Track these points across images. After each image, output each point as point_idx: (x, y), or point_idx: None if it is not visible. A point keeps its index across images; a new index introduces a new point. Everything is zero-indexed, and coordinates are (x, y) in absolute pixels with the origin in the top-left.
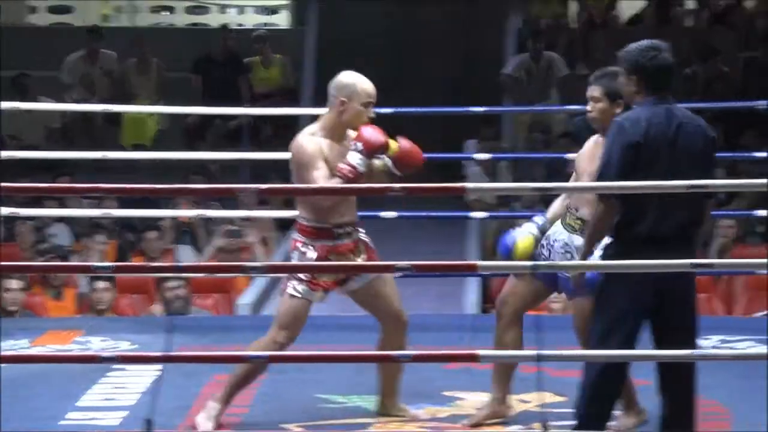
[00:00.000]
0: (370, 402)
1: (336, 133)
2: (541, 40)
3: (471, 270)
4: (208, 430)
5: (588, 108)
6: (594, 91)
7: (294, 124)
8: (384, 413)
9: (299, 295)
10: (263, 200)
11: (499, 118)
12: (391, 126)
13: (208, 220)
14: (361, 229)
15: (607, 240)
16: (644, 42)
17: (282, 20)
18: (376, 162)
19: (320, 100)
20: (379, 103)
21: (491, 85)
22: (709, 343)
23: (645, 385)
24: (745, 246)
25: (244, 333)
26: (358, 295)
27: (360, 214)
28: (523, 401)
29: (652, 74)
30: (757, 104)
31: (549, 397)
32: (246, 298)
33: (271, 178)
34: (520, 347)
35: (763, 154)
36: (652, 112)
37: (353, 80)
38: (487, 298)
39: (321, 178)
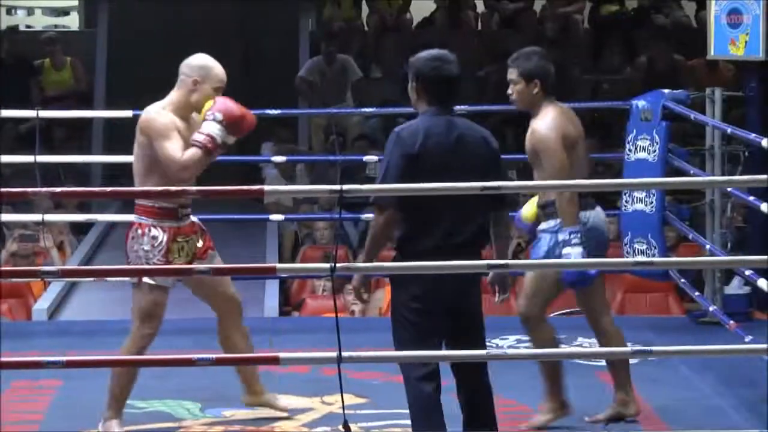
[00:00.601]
0: (170, 406)
1: (183, 113)
2: (334, 42)
3: (270, 272)
4: None
5: (509, 91)
6: (510, 73)
7: (87, 127)
8: (251, 405)
9: (155, 284)
10: (58, 204)
11: (295, 121)
12: None
13: (1, 225)
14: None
15: (549, 223)
16: (432, 51)
17: (72, 22)
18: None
19: (112, 101)
20: None
21: (286, 88)
22: (506, 343)
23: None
24: None
25: (41, 339)
26: (197, 280)
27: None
28: (326, 403)
29: (433, 84)
30: None
31: (351, 399)
32: (42, 304)
33: (64, 181)
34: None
35: None
36: (432, 122)
37: (208, 63)
38: (287, 301)
39: (177, 150)
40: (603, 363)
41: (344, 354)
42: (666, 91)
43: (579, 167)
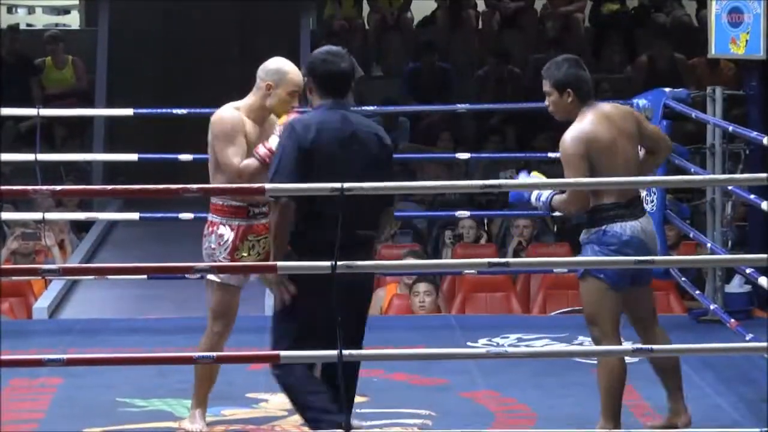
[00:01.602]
0: (170, 405)
1: (257, 116)
2: (335, 41)
3: (271, 271)
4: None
5: (545, 103)
6: (544, 85)
7: (88, 125)
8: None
9: (220, 281)
10: (59, 202)
11: None
12: (184, 125)
13: (2, 223)
14: None
15: (588, 232)
16: (325, 48)
17: (73, 21)
18: None
19: (113, 100)
20: (174, 103)
21: None
22: (507, 342)
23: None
24: (541, 245)
25: (42, 337)
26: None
27: (158, 215)
28: None
29: (324, 79)
30: (548, 105)
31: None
32: (43, 302)
33: (66, 180)
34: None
35: (557, 154)
36: (325, 116)
37: (284, 67)
38: None
39: (235, 155)
40: None
41: (345, 352)
42: (667, 89)
43: (624, 167)
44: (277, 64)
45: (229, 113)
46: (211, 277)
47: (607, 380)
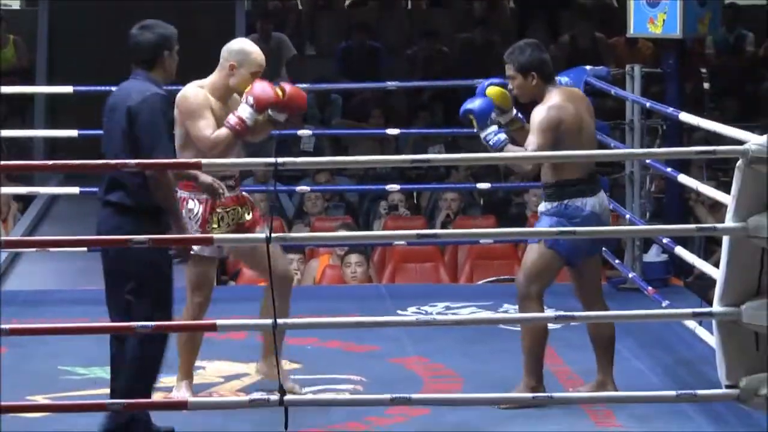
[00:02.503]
0: (107, 372)
1: (221, 94)
2: (269, 21)
3: (207, 243)
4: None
5: (509, 87)
6: (507, 70)
7: (29, 103)
8: (261, 373)
9: (194, 253)
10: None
11: None
12: None
13: None
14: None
15: (550, 205)
16: (142, 22)
17: (14, 1)
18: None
19: (54, 78)
20: (111, 82)
21: None
22: (435, 310)
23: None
24: (468, 217)
25: None
26: (249, 253)
27: (95, 190)
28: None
29: (131, 50)
30: (475, 83)
31: (285, 364)
32: None
33: (7, 156)
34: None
35: None
36: (123, 86)
37: (246, 47)
38: (224, 270)
39: (207, 128)
40: None
41: (279, 321)
42: (588, 67)
43: (588, 144)
44: (240, 44)
45: (194, 91)
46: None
47: (530, 340)
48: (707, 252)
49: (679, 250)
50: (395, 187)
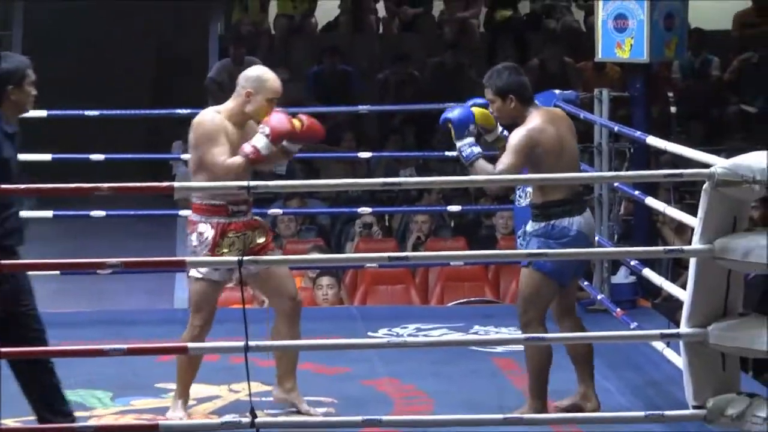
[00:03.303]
0: (81, 396)
1: (237, 120)
2: (242, 45)
3: (180, 265)
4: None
5: (490, 110)
6: (487, 93)
7: None
8: (278, 400)
9: (201, 276)
10: None
11: None
12: (97, 126)
13: None
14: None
15: (537, 225)
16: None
17: None
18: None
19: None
20: (87, 104)
21: (197, 88)
22: (406, 332)
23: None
24: (439, 239)
25: None
26: (260, 278)
27: (69, 213)
28: (233, 390)
29: None
30: (446, 106)
31: (257, 387)
32: None
33: None
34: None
35: (454, 153)
36: None
37: (264, 75)
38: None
39: (221, 154)
40: (498, 350)
41: (251, 343)
42: (557, 91)
43: (569, 165)
44: (257, 72)
45: (210, 116)
46: (192, 272)
47: (537, 362)
48: (674, 274)
49: (647, 272)
50: (367, 209)
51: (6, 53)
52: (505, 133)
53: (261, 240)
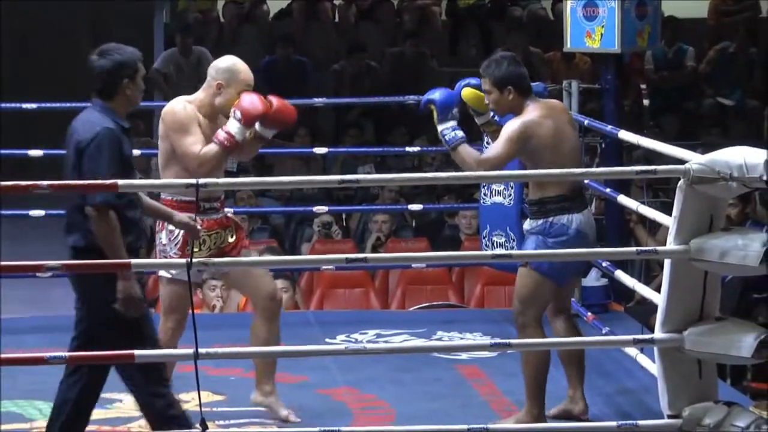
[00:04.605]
0: (21, 406)
1: (207, 111)
2: (189, 34)
3: (125, 268)
4: None
5: (485, 101)
6: (484, 84)
7: None
8: (256, 402)
9: (171, 277)
10: None
11: (150, 114)
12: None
13: None
14: (227, 208)
15: (535, 222)
16: (101, 47)
17: None
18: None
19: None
20: (22, 98)
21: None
22: (365, 338)
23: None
24: (399, 240)
25: None
26: (234, 276)
27: (6, 213)
28: (182, 400)
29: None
30: (406, 99)
31: (208, 396)
32: None
33: None
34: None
35: (415, 149)
36: (79, 116)
37: (235, 67)
38: (143, 297)
39: (195, 144)
40: (463, 357)
41: (201, 351)
42: None
43: (569, 157)
44: (229, 62)
45: (181, 105)
46: (162, 273)
47: (532, 367)
48: (648, 276)
49: (620, 274)
50: (323, 208)
51: (116, 45)
52: (497, 117)
53: (231, 239)
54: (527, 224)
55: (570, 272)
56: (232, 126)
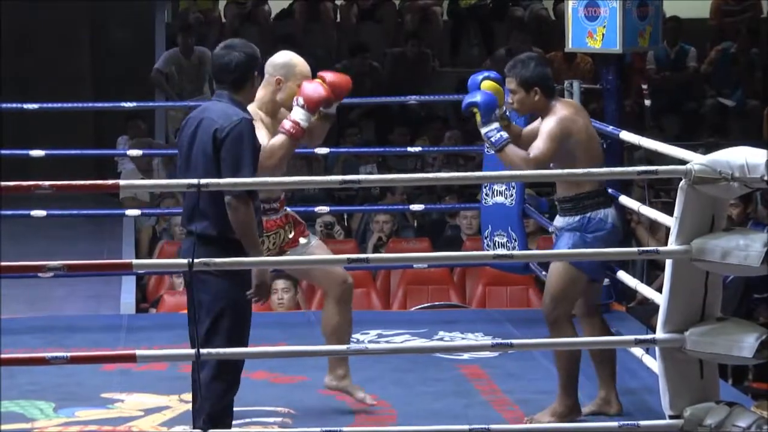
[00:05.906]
0: (21, 406)
1: (269, 108)
2: (190, 34)
3: (126, 268)
4: None
5: (508, 100)
6: (509, 83)
7: None
8: (330, 387)
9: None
10: None
11: (151, 114)
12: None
13: None
14: (287, 207)
15: (571, 219)
16: (225, 41)
17: None
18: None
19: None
20: (21, 98)
21: (142, 80)
22: (366, 338)
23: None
24: (401, 240)
25: None
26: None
27: (7, 213)
28: (183, 401)
29: (215, 70)
30: (408, 99)
31: None
32: None
33: None
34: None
35: (417, 149)
36: (198, 108)
37: (291, 61)
38: (144, 297)
39: (261, 138)
40: (464, 357)
41: (202, 351)
42: None
43: (599, 160)
44: (285, 57)
45: None
46: None
47: (566, 359)
48: (650, 276)
49: (621, 275)
50: (325, 208)
51: (240, 40)
52: (508, 113)
53: (291, 235)
54: (559, 221)
55: (604, 267)
56: (297, 114)
